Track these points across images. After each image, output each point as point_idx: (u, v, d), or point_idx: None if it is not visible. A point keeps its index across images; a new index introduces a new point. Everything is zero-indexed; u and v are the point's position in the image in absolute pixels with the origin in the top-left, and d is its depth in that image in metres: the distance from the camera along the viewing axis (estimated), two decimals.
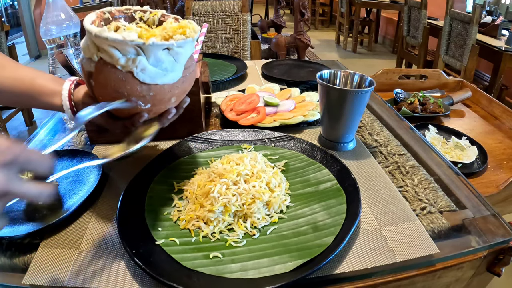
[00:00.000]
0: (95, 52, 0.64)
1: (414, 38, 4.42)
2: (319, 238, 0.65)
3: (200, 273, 0.60)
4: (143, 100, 0.67)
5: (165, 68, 0.66)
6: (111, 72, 0.64)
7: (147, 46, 0.62)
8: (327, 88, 0.90)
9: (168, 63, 0.66)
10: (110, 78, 0.65)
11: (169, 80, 0.68)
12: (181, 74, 0.70)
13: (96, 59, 0.65)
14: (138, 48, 0.62)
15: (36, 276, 0.62)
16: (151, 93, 0.67)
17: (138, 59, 0.63)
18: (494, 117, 1.92)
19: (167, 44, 0.64)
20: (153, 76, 0.65)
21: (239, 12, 2.35)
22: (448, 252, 0.67)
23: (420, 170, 0.90)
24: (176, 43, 0.65)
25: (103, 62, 0.64)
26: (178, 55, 0.67)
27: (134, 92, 0.66)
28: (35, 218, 0.73)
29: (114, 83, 0.65)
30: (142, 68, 0.64)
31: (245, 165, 0.76)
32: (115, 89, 0.65)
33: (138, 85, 0.65)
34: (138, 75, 0.64)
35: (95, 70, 0.66)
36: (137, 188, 0.78)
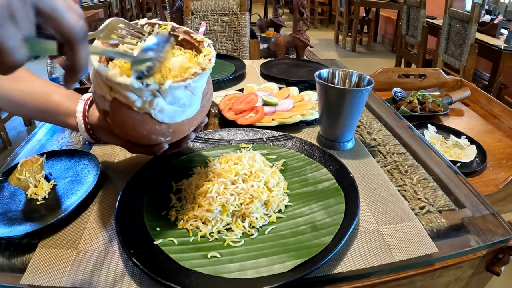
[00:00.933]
0: (107, 92, 0.62)
1: (413, 37, 4.42)
2: (317, 238, 0.65)
3: (198, 273, 0.60)
4: (163, 136, 0.67)
5: (183, 104, 0.65)
6: (128, 113, 0.62)
7: (163, 89, 0.60)
8: (325, 87, 0.90)
9: (186, 99, 0.64)
10: (127, 119, 0.63)
11: (188, 116, 0.67)
12: (199, 106, 0.69)
13: (110, 98, 0.62)
14: (155, 90, 0.60)
15: (35, 276, 0.61)
16: (171, 129, 0.66)
17: (156, 101, 0.61)
18: (493, 116, 1.92)
19: (184, 84, 0.61)
20: (172, 115, 0.64)
21: (237, 11, 2.34)
22: (447, 252, 0.67)
23: (419, 169, 0.89)
24: (193, 81, 0.62)
25: (118, 102, 0.62)
26: (195, 89, 0.65)
27: (154, 131, 0.64)
28: (33, 218, 0.73)
29: (132, 123, 0.63)
30: (160, 109, 0.62)
31: (243, 165, 0.76)
32: (134, 128, 0.64)
33: (157, 125, 0.64)
34: (156, 116, 0.62)
35: (110, 110, 0.64)
36: (135, 188, 0.78)
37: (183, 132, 0.70)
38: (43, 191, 0.79)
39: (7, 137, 3.29)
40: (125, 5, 7.64)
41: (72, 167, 0.87)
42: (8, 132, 3.33)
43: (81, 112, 0.76)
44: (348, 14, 6.61)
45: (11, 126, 3.68)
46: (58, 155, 0.91)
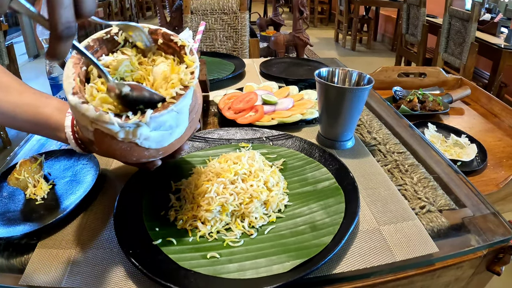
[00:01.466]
0: (89, 123, 0.57)
1: (413, 36, 4.41)
2: (317, 238, 0.65)
3: (197, 274, 0.59)
4: (154, 157, 0.64)
5: (170, 126, 0.60)
6: (113, 143, 0.58)
7: (146, 121, 0.56)
8: (325, 86, 0.90)
9: (172, 120, 0.60)
10: (113, 148, 0.60)
11: (176, 136, 0.63)
12: (187, 123, 0.64)
13: (92, 129, 0.58)
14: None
15: (33, 277, 0.61)
16: (160, 152, 0.63)
17: (139, 131, 0.57)
18: (494, 115, 1.92)
19: (166, 111, 0.57)
20: (158, 141, 0.60)
21: (237, 10, 2.34)
22: (448, 251, 0.66)
23: (419, 168, 0.89)
24: (176, 105, 0.58)
25: (101, 133, 0.58)
26: (181, 108, 0.60)
27: (143, 156, 0.61)
28: (32, 218, 0.73)
29: (120, 152, 0.60)
30: (145, 137, 0.58)
31: (242, 164, 0.76)
32: (123, 156, 0.61)
33: (145, 151, 0.60)
34: (142, 144, 0.59)
35: (95, 140, 0.60)
36: (134, 187, 0.77)
37: (173, 149, 0.66)
38: (42, 191, 0.79)
39: (6, 136, 3.28)
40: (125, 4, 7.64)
41: (71, 167, 0.87)
42: (7, 132, 3.33)
43: (69, 127, 0.74)
44: (348, 12, 6.61)
45: None
46: (57, 155, 0.91)
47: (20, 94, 0.74)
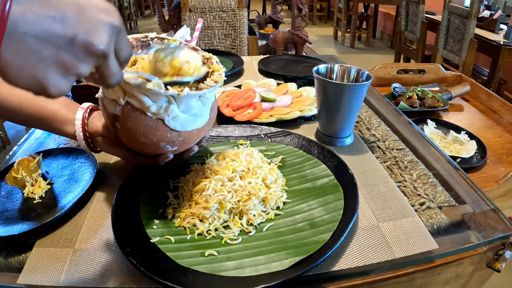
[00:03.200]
0: (121, 95, 0.63)
1: (412, 33, 4.41)
2: (316, 235, 0.65)
3: (195, 271, 0.59)
4: (172, 145, 0.68)
5: (195, 114, 0.67)
6: (140, 119, 0.63)
7: (180, 96, 0.62)
8: (323, 83, 0.89)
9: (197, 109, 0.67)
10: (139, 124, 0.64)
11: (198, 126, 0.69)
12: (208, 117, 0.71)
13: (123, 103, 0.63)
14: (171, 97, 0.62)
15: (31, 276, 0.61)
16: (180, 138, 0.68)
17: (171, 108, 0.63)
18: (493, 111, 1.92)
19: (200, 93, 0.64)
20: (183, 123, 0.66)
21: (235, 8, 2.33)
22: (448, 248, 0.66)
23: (418, 165, 0.89)
24: (208, 91, 0.65)
25: (131, 107, 0.63)
26: (207, 100, 0.69)
27: (164, 138, 0.66)
28: (30, 217, 0.72)
29: (144, 129, 0.64)
30: (174, 116, 0.64)
31: (240, 161, 0.76)
32: (144, 135, 0.65)
33: (168, 132, 0.65)
34: (169, 122, 0.64)
35: (121, 115, 0.64)
36: (132, 186, 0.77)
37: (189, 142, 0.71)
38: (40, 190, 0.78)
39: (6, 136, 3.28)
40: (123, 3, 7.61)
41: (69, 165, 0.86)
42: (7, 131, 3.32)
43: (80, 120, 0.76)
44: (347, 10, 6.61)
45: (10, 125, 3.67)
46: (55, 154, 0.90)
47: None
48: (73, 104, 0.78)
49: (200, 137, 0.73)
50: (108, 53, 0.45)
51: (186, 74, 0.65)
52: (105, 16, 0.44)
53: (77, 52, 0.42)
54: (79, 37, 0.41)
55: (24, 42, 0.39)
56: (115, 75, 0.49)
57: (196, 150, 0.78)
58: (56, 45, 0.41)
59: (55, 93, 0.43)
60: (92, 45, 0.42)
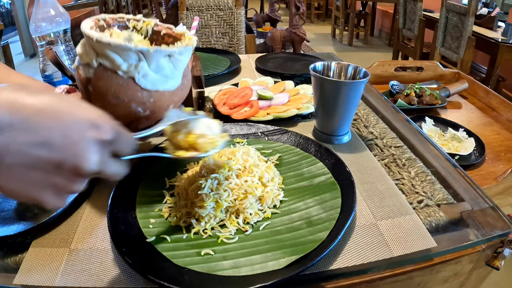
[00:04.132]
0: (94, 57, 0.64)
1: (410, 30, 4.41)
2: (313, 233, 0.64)
3: (191, 271, 0.58)
4: (143, 107, 0.68)
5: (166, 75, 0.68)
6: (111, 78, 0.64)
7: (150, 52, 0.63)
8: (320, 80, 0.89)
9: (168, 70, 0.68)
10: (110, 84, 0.65)
11: (169, 87, 0.70)
12: (180, 81, 0.72)
13: (96, 64, 0.64)
14: (141, 54, 0.63)
15: (27, 276, 0.60)
16: (152, 99, 0.68)
17: (140, 65, 0.64)
18: (491, 108, 1.92)
19: (169, 51, 0.65)
20: (154, 82, 0.67)
21: (233, 6, 2.33)
22: (446, 246, 0.66)
23: (416, 162, 0.88)
24: (178, 50, 0.66)
25: (102, 68, 0.64)
26: (178, 62, 0.69)
27: (135, 98, 0.66)
28: (26, 217, 0.72)
29: (115, 89, 0.65)
30: (144, 74, 0.65)
31: (237, 160, 0.75)
32: (115, 95, 0.65)
33: (139, 91, 0.66)
34: (139, 81, 0.65)
35: (93, 76, 0.65)
36: (128, 185, 0.76)
37: (162, 108, 0.70)
38: None
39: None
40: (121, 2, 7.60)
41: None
42: None
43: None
44: (345, 8, 6.60)
45: None
46: None
47: (8, 76, 0.77)
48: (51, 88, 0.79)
49: (173, 102, 0.72)
50: (102, 168, 0.45)
51: (202, 150, 0.64)
52: (93, 132, 0.44)
53: (67, 175, 0.43)
54: (67, 161, 0.42)
55: (12, 171, 0.39)
56: (117, 175, 0.50)
57: (170, 114, 0.76)
58: (45, 170, 0.41)
59: (52, 208, 0.44)
60: (81, 168, 0.43)
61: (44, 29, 1.10)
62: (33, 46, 6.29)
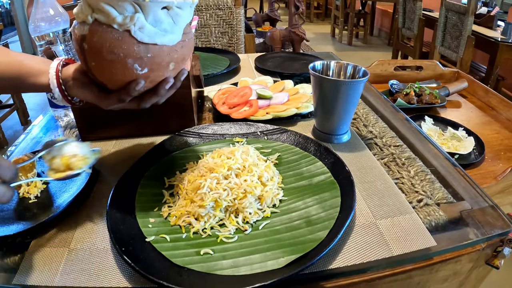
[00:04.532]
0: (89, 13, 0.62)
1: (410, 30, 4.41)
2: (312, 233, 0.64)
3: (190, 270, 0.58)
4: (140, 63, 0.65)
5: (164, 29, 0.65)
6: (106, 32, 0.62)
7: (146, 2, 0.61)
8: (319, 79, 0.89)
9: (167, 24, 0.65)
10: (105, 39, 0.62)
11: (168, 41, 0.66)
12: (180, 37, 0.68)
13: (91, 20, 0.62)
14: (136, 5, 0.61)
15: (27, 276, 0.60)
16: (149, 54, 0.64)
17: (136, 16, 0.61)
18: (491, 107, 1.92)
19: (166, 2, 0.63)
20: (151, 35, 0.63)
21: (232, 5, 2.32)
22: (446, 245, 0.66)
23: (416, 161, 0.88)
24: (176, 3, 0.64)
25: (97, 23, 0.62)
26: (177, 17, 0.66)
27: (131, 52, 0.63)
28: (25, 217, 0.72)
29: (110, 43, 0.62)
30: (140, 26, 0.62)
31: (236, 159, 0.75)
32: (111, 50, 0.62)
33: (135, 45, 0.63)
34: (135, 33, 0.62)
35: (88, 33, 0.63)
36: (127, 184, 0.76)
37: (161, 65, 0.68)
38: (35, 189, 0.78)
39: (3, 136, 3.27)
40: None
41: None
42: (4, 132, 3.31)
43: (54, 69, 0.75)
44: (344, 7, 6.60)
45: (8, 126, 3.67)
46: None
47: (7, 55, 0.76)
48: (49, 61, 0.78)
49: (173, 60, 0.69)
50: None
51: (76, 167, 0.66)
52: None
53: None
54: None
55: None
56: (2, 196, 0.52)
57: (172, 82, 0.72)
58: None
59: None
60: None
61: (43, 29, 1.10)
62: (32, 46, 6.27)
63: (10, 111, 3.44)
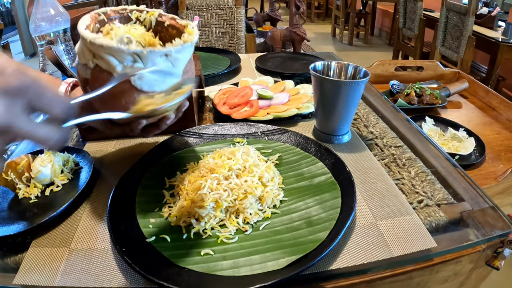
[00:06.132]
0: (90, 58, 0.63)
1: (410, 30, 4.40)
2: (313, 233, 0.64)
3: (191, 271, 0.58)
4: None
5: (164, 74, 0.65)
6: (107, 80, 0.62)
7: (145, 53, 0.61)
8: (320, 80, 0.89)
9: (165, 67, 0.65)
10: None
11: (167, 86, 0.67)
12: (179, 77, 0.69)
13: (92, 65, 0.63)
14: (136, 55, 0.61)
15: (27, 276, 0.60)
16: None
17: (136, 65, 0.62)
18: (492, 108, 1.91)
19: (165, 51, 0.63)
20: (151, 84, 0.64)
21: (233, 5, 2.32)
22: (446, 246, 0.65)
23: (417, 162, 0.88)
24: (174, 49, 0.64)
25: (99, 69, 0.63)
26: (177, 61, 0.66)
27: (132, 99, 0.64)
28: (26, 217, 0.72)
29: (111, 90, 0.62)
30: (139, 76, 0.63)
31: (236, 160, 0.75)
32: (112, 96, 0.64)
33: (135, 93, 0.64)
34: (135, 82, 0.63)
35: (91, 77, 0.64)
36: (128, 184, 0.76)
37: (161, 108, 0.67)
38: (35, 189, 0.78)
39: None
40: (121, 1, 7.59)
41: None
42: None
43: (62, 93, 0.76)
44: (345, 7, 6.60)
45: None
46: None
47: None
48: (58, 81, 0.79)
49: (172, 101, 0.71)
50: (11, 123, 0.40)
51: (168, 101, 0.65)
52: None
53: None
54: None
55: None
56: (50, 141, 0.44)
57: (172, 117, 0.75)
58: None
59: None
60: None
61: (44, 28, 1.10)
62: (33, 46, 6.29)
63: None
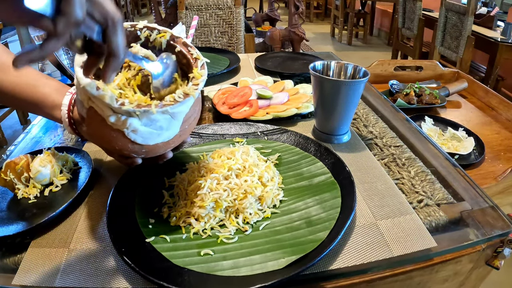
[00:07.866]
0: (86, 99, 0.59)
1: (410, 30, 4.40)
2: (313, 233, 0.64)
3: (190, 271, 0.58)
4: (136, 154, 0.65)
5: (160, 127, 0.61)
6: (101, 125, 0.60)
7: (138, 114, 0.58)
8: (320, 80, 0.88)
9: (164, 122, 0.61)
10: (100, 130, 0.61)
11: (163, 139, 0.64)
12: (178, 130, 0.65)
13: (87, 106, 0.60)
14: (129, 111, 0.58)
15: (26, 276, 0.60)
16: (144, 150, 0.64)
17: (129, 122, 0.58)
18: (491, 108, 1.91)
19: (160, 110, 0.59)
20: (145, 137, 0.61)
21: (232, 5, 2.32)
22: (446, 246, 0.66)
23: (416, 162, 0.88)
24: (171, 108, 0.60)
25: (94, 112, 0.59)
26: (176, 114, 0.62)
27: (126, 148, 0.62)
28: (25, 217, 0.71)
29: (104, 135, 0.61)
30: (133, 129, 0.59)
31: (236, 159, 0.75)
32: (106, 141, 0.62)
33: (129, 144, 0.61)
34: (129, 135, 0.60)
35: (86, 117, 0.62)
36: (127, 185, 0.76)
37: (157, 152, 0.67)
38: (35, 190, 0.78)
39: (3, 135, 3.27)
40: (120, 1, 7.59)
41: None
42: (3, 131, 3.31)
43: (66, 106, 0.76)
44: (344, 7, 6.59)
45: (7, 125, 3.66)
46: None
47: (19, 73, 0.76)
48: (64, 88, 0.79)
49: (170, 148, 0.69)
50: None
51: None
52: None
53: None
54: None
55: None
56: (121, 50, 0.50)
57: (170, 156, 0.74)
58: None
59: None
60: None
61: None
62: None
63: (9, 111, 3.43)
